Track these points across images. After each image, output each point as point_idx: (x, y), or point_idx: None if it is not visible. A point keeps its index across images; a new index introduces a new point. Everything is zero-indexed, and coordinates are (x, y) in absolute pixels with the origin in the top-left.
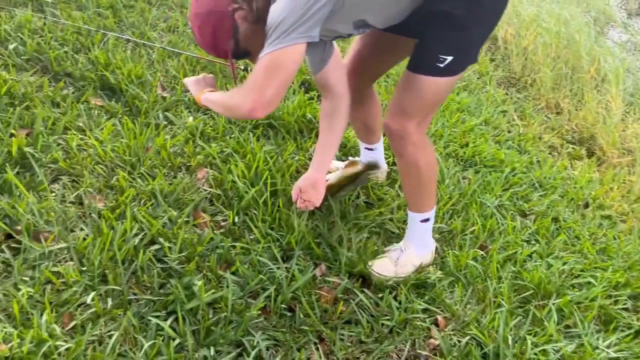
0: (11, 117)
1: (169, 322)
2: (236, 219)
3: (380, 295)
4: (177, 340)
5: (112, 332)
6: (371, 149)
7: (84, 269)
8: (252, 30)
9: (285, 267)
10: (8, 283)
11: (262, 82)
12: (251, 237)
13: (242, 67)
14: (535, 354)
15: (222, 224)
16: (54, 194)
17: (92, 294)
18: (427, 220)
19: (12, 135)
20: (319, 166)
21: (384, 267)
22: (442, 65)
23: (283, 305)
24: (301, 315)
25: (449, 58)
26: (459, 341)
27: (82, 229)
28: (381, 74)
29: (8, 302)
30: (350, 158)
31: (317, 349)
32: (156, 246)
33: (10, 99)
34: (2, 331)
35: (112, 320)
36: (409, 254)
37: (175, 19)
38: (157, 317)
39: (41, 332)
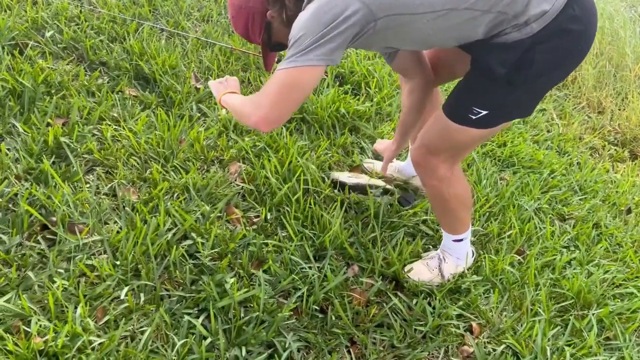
0: (48, 106)
1: (200, 319)
2: (269, 216)
3: (414, 299)
4: (209, 339)
5: (144, 328)
6: None
7: (118, 262)
8: (284, 30)
9: (318, 267)
10: (44, 274)
11: (273, 98)
12: (283, 234)
13: (277, 60)
14: None
15: (255, 220)
16: (88, 185)
17: (126, 288)
18: (460, 240)
19: (48, 124)
20: (398, 143)
21: (422, 274)
22: (474, 117)
23: (315, 306)
24: (333, 317)
25: (483, 112)
26: (494, 350)
27: (115, 222)
28: (453, 79)
29: (43, 294)
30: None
31: (349, 352)
32: (189, 241)
33: (47, 87)
34: (38, 324)
35: (144, 316)
36: (448, 263)
37: (209, 8)
38: (189, 314)
39: (76, 327)
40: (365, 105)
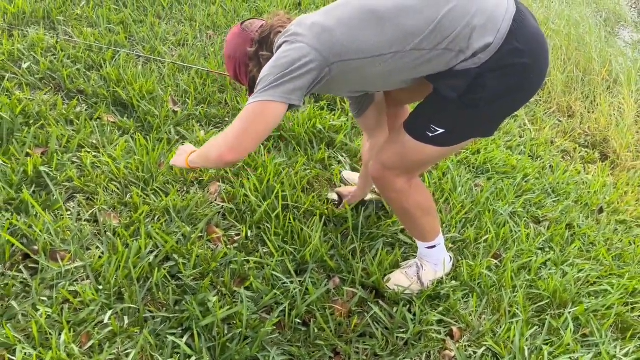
0: (26, 136)
1: (185, 339)
2: (249, 233)
3: (394, 307)
4: (194, 358)
5: (129, 351)
6: None
7: (101, 287)
8: None
9: (299, 281)
10: (27, 303)
11: (238, 128)
12: (265, 250)
13: None
14: None
15: (236, 238)
16: (69, 213)
17: (109, 312)
18: (433, 247)
19: (27, 154)
20: (362, 190)
21: (400, 282)
22: (431, 135)
23: (297, 320)
24: (316, 330)
25: (440, 130)
26: (475, 352)
27: (97, 247)
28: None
29: (27, 323)
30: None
31: None
32: (171, 263)
33: (25, 118)
34: (22, 352)
35: (129, 338)
36: (426, 270)
37: (185, 33)
38: (173, 334)
39: (60, 353)
40: (341, 120)
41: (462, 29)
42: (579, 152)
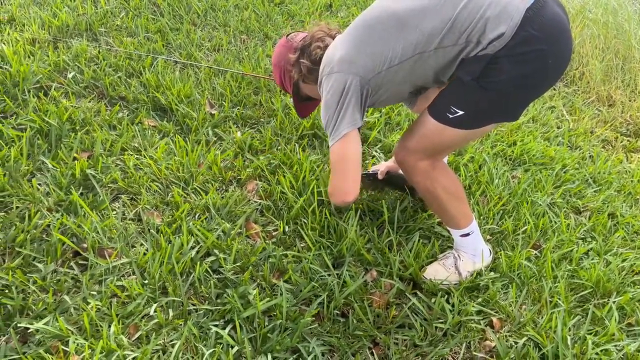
0: (73, 141)
1: (227, 330)
2: (286, 229)
3: (432, 298)
4: (236, 348)
5: (174, 342)
6: None
7: (146, 282)
8: (306, 88)
9: (337, 274)
10: (78, 297)
11: (338, 175)
12: (302, 245)
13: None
14: (597, 353)
15: (274, 233)
16: (115, 212)
17: (154, 305)
18: (467, 234)
19: (75, 158)
20: None
21: (437, 273)
22: (450, 116)
23: (336, 311)
24: (354, 321)
25: (460, 112)
26: (516, 342)
27: (142, 244)
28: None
29: (79, 316)
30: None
31: (372, 353)
32: (212, 258)
33: (72, 124)
34: (75, 343)
35: (173, 330)
36: (464, 261)
37: (219, 38)
38: (215, 325)
39: (110, 343)
40: (374, 116)
41: (476, 22)
42: (621, 141)
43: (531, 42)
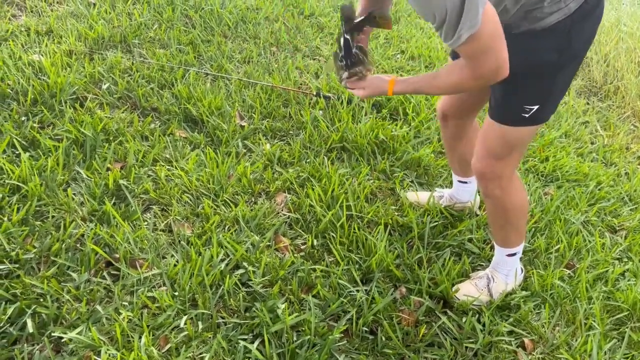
0: (107, 152)
1: (255, 344)
2: (315, 242)
3: (463, 317)
4: None
5: (203, 354)
6: (465, 182)
7: (176, 293)
8: None
9: (365, 290)
10: (110, 307)
11: (490, 55)
12: (330, 259)
13: (315, 93)
14: None
15: (302, 247)
16: (146, 223)
17: (184, 318)
18: (513, 254)
19: (108, 169)
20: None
21: (470, 294)
22: (527, 116)
23: (364, 328)
24: (383, 338)
25: (535, 107)
26: None
27: (172, 256)
28: (481, 107)
29: (111, 326)
30: (438, 190)
31: None
32: (241, 270)
33: (106, 135)
34: (107, 353)
35: (203, 343)
36: (497, 282)
37: (249, 50)
38: (244, 339)
39: (141, 355)
40: (403, 130)
41: None
42: None
43: (599, 3)
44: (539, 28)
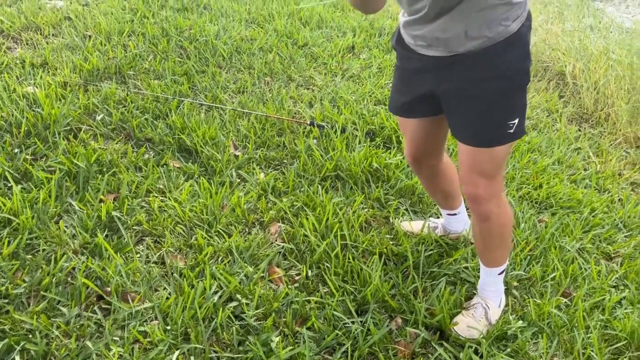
0: (100, 183)
1: None
2: (309, 273)
3: (460, 349)
4: None
5: None
6: (455, 214)
7: (168, 327)
8: None
9: (360, 321)
10: (100, 343)
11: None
12: (325, 290)
13: (309, 122)
14: None
15: (296, 278)
16: (138, 255)
17: (177, 353)
18: (503, 272)
19: (101, 200)
20: None
21: (472, 330)
22: (512, 131)
23: None
24: None
25: (516, 121)
26: None
27: (164, 288)
28: (445, 139)
29: None
30: (432, 220)
31: None
32: (234, 303)
33: (99, 166)
34: None
35: None
36: (492, 308)
37: (244, 80)
38: None
39: None
40: (396, 157)
41: None
42: None
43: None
44: (505, 39)
